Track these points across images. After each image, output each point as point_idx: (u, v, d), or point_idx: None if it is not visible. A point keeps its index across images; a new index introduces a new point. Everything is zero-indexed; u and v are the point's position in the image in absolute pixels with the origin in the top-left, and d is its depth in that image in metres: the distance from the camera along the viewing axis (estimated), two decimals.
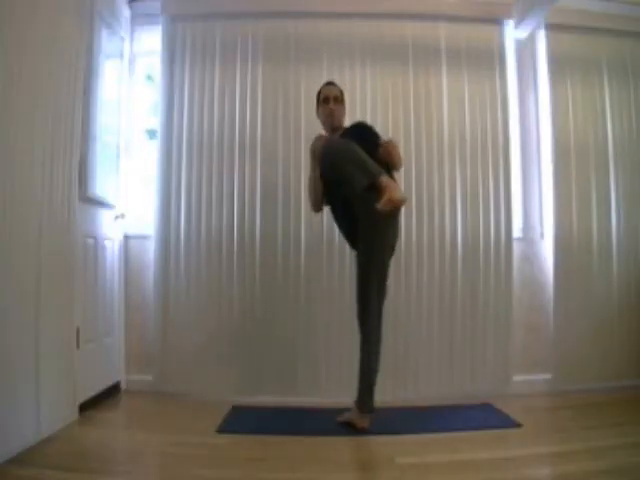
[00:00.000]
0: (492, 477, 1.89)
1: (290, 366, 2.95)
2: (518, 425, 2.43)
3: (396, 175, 2.46)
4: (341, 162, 2.20)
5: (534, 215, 3.25)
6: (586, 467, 1.90)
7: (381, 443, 2.26)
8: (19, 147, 2.04)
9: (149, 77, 3.36)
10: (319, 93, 2.61)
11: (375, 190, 2.11)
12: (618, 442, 2.15)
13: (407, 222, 3.03)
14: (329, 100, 2.52)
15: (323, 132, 2.62)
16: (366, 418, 2.38)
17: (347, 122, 2.66)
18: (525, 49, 3.28)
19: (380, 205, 2.04)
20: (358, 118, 2.85)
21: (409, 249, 3.03)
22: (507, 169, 3.11)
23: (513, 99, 3.24)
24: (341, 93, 2.60)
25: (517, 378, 3.04)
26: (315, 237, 3.02)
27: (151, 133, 3.30)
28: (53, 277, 2.28)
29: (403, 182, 2.90)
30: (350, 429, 2.37)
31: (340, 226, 2.55)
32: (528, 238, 3.22)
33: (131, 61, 3.24)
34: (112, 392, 2.95)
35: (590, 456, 2.01)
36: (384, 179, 2.10)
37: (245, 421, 2.56)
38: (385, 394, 2.86)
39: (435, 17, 3.12)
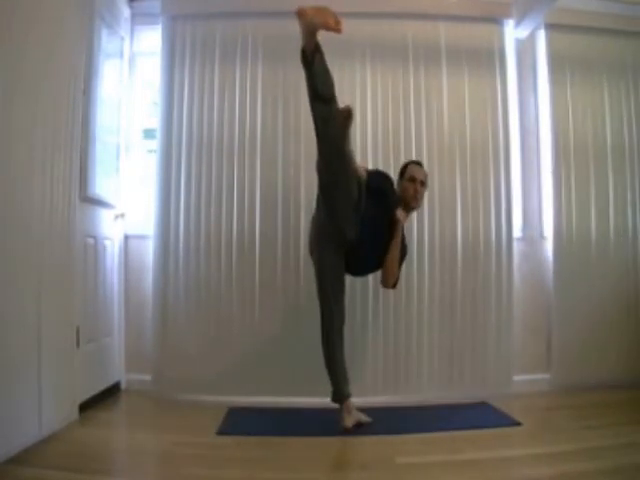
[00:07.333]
0: (492, 476, 1.89)
1: (289, 366, 2.94)
2: (518, 425, 2.44)
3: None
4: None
5: (534, 215, 3.25)
6: (586, 467, 1.90)
7: (381, 443, 2.26)
8: (19, 147, 2.04)
9: (148, 83, 3.35)
10: (405, 168, 2.62)
11: None
12: (617, 442, 2.15)
13: (407, 221, 3.02)
14: (416, 181, 2.54)
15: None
16: (349, 416, 2.36)
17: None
18: (525, 49, 3.28)
19: None
20: (358, 118, 2.84)
21: (409, 249, 3.02)
22: (507, 168, 3.11)
23: (513, 99, 3.23)
24: (426, 177, 2.63)
25: (517, 378, 3.04)
26: None
27: (148, 132, 3.29)
28: (54, 276, 2.28)
29: None
30: (353, 429, 2.36)
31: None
32: (528, 237, 3.22)
33: (131, 61, 3.24)
34: (112, 392, 2.95)
35: (590, 456, 2.01)
36: None
37: (244, 422, 2.56)
38: (386, 394, 2.88)
39: (435, 17, 3.12)
